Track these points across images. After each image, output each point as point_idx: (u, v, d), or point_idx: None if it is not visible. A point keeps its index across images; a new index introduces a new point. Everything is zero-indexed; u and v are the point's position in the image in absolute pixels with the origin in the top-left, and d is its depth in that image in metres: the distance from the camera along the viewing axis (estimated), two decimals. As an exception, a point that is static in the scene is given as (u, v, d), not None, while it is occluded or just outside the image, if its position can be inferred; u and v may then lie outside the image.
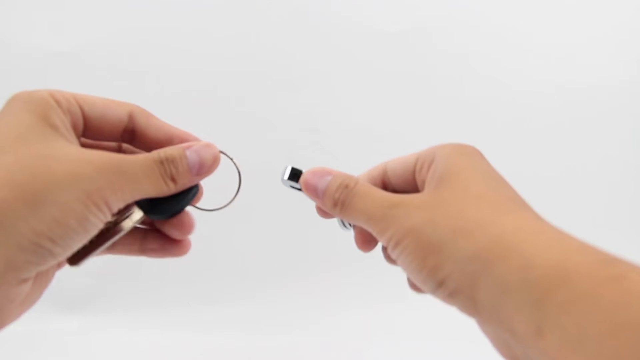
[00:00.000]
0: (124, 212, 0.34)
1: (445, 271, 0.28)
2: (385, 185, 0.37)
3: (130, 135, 0.35)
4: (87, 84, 0.90)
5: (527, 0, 1.00)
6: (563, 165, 1.00)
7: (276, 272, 0.94)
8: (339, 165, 0.37)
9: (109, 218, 0.30)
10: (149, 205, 0.34)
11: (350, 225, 0.37)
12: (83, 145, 0.34)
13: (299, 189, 0.37)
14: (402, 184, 0.36)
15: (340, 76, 0.97)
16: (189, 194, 0.34)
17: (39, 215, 0.27)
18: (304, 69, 0.96)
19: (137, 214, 0.33)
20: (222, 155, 0.35)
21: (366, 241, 0.36)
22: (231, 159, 0.37)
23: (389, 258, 0.35)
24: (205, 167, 0.34)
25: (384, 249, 0.35)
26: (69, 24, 0.91)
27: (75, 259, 0.32)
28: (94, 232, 0.30)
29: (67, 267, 0.34)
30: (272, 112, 0.95)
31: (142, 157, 0.32)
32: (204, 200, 0.37)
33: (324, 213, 0.37)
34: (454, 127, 0.98)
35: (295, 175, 0.36)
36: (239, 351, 0.86)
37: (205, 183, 0.36)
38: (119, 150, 0.37)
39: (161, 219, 0.35)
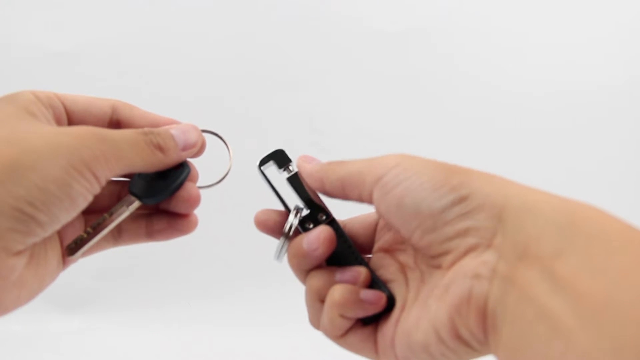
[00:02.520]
0: (118, 202, 0.34)
1: (474, 186, 0.28)
2: None
3: (116, 127, 0.36)
4: (86, 84, 0.91)
5: (527, 1, 1.00)
6: (563, 166, 1.00)
7: (276, 270, 0.94)
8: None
9: (97, 189, 0.30)
10: (142, 191, 0.34)
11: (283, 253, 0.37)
12: None
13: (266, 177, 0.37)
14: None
15: (340, 76, 0.97)
16: (181, 174, 0.35)
17: (16, 180, 0.27)
18: (303, 70, 0.96)
19: (132, 201, 0.34)
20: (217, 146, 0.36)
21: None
22: (220, 137, 0.38)
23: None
24: (191, 140, 0.35)
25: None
26: (69, 24, 0.91)
27: (72, 248, 0.33)
28: (82, 202, 0.30)
29: (67, 268, 0.35)
30: (272, 112, 0.95)
31: (126, 129, 0.33)
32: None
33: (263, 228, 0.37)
34: (453, 128, 0.98)
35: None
36: (239, 350, 0.86)
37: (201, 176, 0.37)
38: None
39: (155, 203, 0.35)
